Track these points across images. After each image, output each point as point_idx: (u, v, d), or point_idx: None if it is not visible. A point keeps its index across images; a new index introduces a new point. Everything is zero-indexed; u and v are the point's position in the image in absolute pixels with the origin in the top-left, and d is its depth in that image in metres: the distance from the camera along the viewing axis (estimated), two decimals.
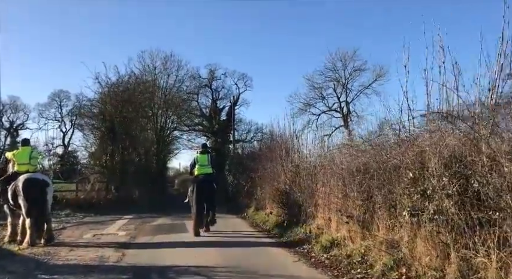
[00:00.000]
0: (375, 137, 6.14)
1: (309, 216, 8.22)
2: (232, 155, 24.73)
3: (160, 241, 8.85)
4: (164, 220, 13.20)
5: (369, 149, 6.11)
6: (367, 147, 6.27)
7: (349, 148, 6.78)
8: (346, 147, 7.05)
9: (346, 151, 6.85)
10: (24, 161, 8.68)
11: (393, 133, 5.31)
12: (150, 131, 25.09)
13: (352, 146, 6.68)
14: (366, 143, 6.39)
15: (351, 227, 6.02)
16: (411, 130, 5.03)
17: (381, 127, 6.23)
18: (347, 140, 6.94)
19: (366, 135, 7.38)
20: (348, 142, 7.04)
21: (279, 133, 12.68)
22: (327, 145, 9.45)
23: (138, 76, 23.55)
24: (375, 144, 5.94)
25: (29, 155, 8.79)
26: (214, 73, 36.59)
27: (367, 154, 6.05)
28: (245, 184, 16.54)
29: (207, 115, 36.99)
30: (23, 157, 8.72)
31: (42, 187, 8.30)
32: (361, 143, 6.61)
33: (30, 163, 8.71)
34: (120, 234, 10.00)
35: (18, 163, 8.63)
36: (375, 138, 6.27)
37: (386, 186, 5.11)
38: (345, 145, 7.22)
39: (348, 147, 6.89)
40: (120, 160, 19.22)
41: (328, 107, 35.87)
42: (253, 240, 8.70)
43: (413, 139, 4.73)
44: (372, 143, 6.08)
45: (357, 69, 34.56)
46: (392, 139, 5.37)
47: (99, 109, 19.35)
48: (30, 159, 8.76)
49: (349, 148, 6.77)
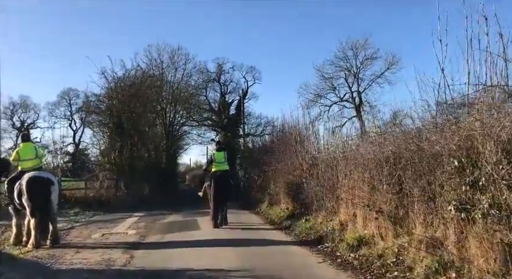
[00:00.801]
0: (403, 122, 5.47)
1: (330, 211, 7.63)
2: (243, 150, 24.23)
3: (171, 240, 8.36)
4: (175, 217, 12.76)
5: (398, 137, 5.47)
6: (395, 134, 5.64)
7: (375, 136, 6.14)
8: (371, 135, 6.40)
9: (372, 140, 6.22)
10: (30, 156, 8.28)
11: (431, 116, 4.65)
12: (159, 126, 24.63)
13: (379, 134, 6.04)
14: (394, 130, 5.75)
15: (381, 223, 5.41)
16: (453, 112, 4.39)
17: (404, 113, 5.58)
18: (372, 127, 6.30)
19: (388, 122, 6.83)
20: (373, 129, 6.38)
21: (292, 123, 12.11)
22: (346, 134, 8.84)
23: (145, 70, 23.00)
24: (405, 131, 5.30)
25: (33, 150, 8.43)
26: (222, 67, 36.12)
27: (397, 141, 5.42)
28: (257, 178, 16.06)
29: (216, 110, 36.53)
30: (27, 153, 8.31)
31: (46, 186, 7.85)
32: (387, 130, 5.95)
33: (36, 157, 8.32)
34: (130, 234, 9.55)
35: (22, 159, 8.20)
36: (402, 123, 5.61)
37: (424, 177, 4.50)
38: (370, 133, 6.56)
39: (374, 135, 6.25)
40: (129, 156, 18.74)
41: (339, 98, 35.07)
42: (270, 238, 8.14)
43: (457, 122, 4.08)
44: (402, 129, 5.43)
45: (369, 57, 33.66)
46: (429, 124, 4.71)
47: (106, 105, 18.88)
48: (37, 154, 8.38)
49: (375, 136, 6.13)
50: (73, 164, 40.47)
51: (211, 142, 35.82)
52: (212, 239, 8.25)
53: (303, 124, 11.15)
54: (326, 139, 9.15)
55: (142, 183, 18.97)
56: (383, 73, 33.28)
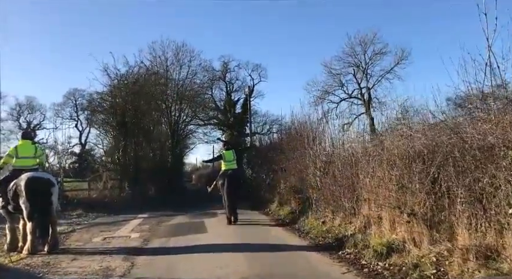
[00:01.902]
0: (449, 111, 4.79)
1: (349, 213, 6.95)
2: (251, 148, 23.64)
3: (177, 245, 7.74)
4: (181, 218, 12.16)
5: (431, 128, 4.80)
6: (426, 125, 4.96)
7: (403, 128, 5.44)
8: (399, 128, 5.71)
9: (401, 133, 5.53)
10: (27, 154, 7.74)
11: (480, 103, 3.97)
12: (164, 125, 24.10)
13: (409, 125, 5.34)
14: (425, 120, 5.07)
15: (413, 227, 4.74)
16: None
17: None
18: (401, 118, 5.60)
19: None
20: (402, 121, 5.67)
21: (302, 119, 11.45)
22: (363, 128, 8.16)
23: (149, 67, 22.41)
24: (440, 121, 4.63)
25: (33, 149, 7.89)
26: (228, 65, 35.58)
27: (430, 133, 4.75)
28: (266, 177, 15.44)
29: (222, 108, 36.05)
30: (26, 151, 7.78)
31: (47, 187, 7.28)
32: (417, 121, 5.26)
33: (34, 157, 7.77)
34: (133, 237, 8.97)
35: (20, 156, 7.65)
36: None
37: (470, 174, 3.83)
38: (398, 125, 5.86)
39: (401, 127, 5.55)
40: (134, 155, 18.21)
41: (347, 94, 34.32)
42: (284, 242, 7.49)
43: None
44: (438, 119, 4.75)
45: (378, 52, 32.86)
46: (478, 111, 4.03)
47: (109, 103, 18.35)
48: (35, 154, 7.83)
49: (403, 129, 5.44)
50: (79, 165, 40.22)
51: (218, 141, 35.39)
52: (221, 243, 7.63)
53: (314, 120, 10.53)
54: (341, 134, 8.47)
55: (147, 183, 18.47)
56: (392, 69, 32.57)
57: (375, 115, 16.17)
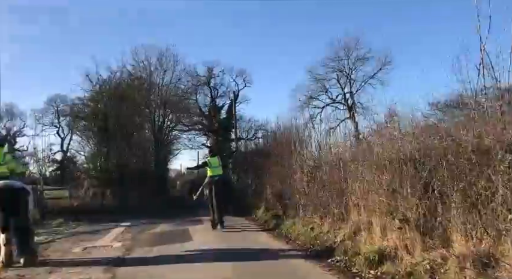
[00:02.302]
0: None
1: (338, 219, 6.79)
2: (236, 153, 23.44)
3: (160, 254, 7.45)
4: (165, 226, 11.83)
5: (423, 130, 4.68)
6: (419, 129, 4.84)
7: (393, 130, 5.30)
8: (388, 130, 5.57)
9: (390, 136, 5.40)
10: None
11: (475, 103, 3.83)
12: (148, 131, 23.74)
13: (399, 128, 5.20)
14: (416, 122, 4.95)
15: (406, 233, 4.59)
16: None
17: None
18: (389, 121, 5.47)
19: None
20: (390, 123, 5.53)
21: (288, 124, 11.33)
22: (348, 133, 8.05)
23: (132, 72, 22.02)
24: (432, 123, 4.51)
25: (1, 156, 7.47)
26: (212, 71, 35.32)
27: (422, 135, 4.63)
28: (252, 182, 15.25)
29: (207, 114, 35.78)
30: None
31: (19, 196, 6.89)
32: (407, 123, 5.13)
33: (3, 164, 7.35)
34: (115, 246, 8.62)
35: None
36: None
37: (465, 178, 3.70)
38: (385, 128, 5.73)
39: (391, 130, 5.40)
40: (116, 162, 17.80)
41: (332, 99, 34.43)
42: (271, 249, 7.27)
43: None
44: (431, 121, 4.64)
45: (361, 57, 33.09)
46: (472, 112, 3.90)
47: (91, 109, 17.92)
48: (4, 160, 7.41)
49: (393, 131, 5.30)
50: (61, 172, 39.39)
51: (203, 147, 35.10)
52: (207, 251, 7.38)
53: (300, 124, 10.42)
54: (328, 139, 8.33)
55: (130, 190, 18.05)
56: (376, 74, 32.85)
57: (359, 119, 16.13)
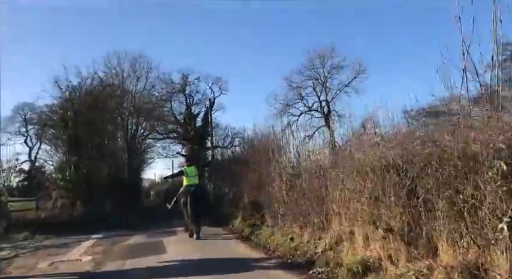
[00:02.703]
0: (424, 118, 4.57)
1: (318, 228, 6.61)
2: (212, 162, 23.09)
3: (133, 267, 7.10)
4: (139, 237, 11.38)
5: (407, 136, 4.56)
6: (401, 135, 4.73)
7: (374, 137, 5.18)
8: (369, 137, 5.45)
9: (372, 143, 5.28)
10: None
11: (461, 108, 3.73)
12: (120, 139, 23.11)
13: (381, 135, 5.08)
14: (399, 129, 4.84)
15: (390, 243, 4.44)
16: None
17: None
18: (373, 125, 5.35)
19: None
20: (372, 129, 5.39)
21: (266, 131, 11.16)
22: (327, 140, 7.92)
23: (103, 78, 21.41)
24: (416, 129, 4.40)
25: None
26: (187, 78, 34.97)
27: (405, 142, 4.51)
28: (229, 191, 14.94)
29: (182, 122, 35.31)
30: None
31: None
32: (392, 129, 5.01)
33: None
34: (84, 261, 8.18)
35: None
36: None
37: (451, 185, 3.57)
38: (367, 135, 5.60)
39: (371, 137, 5.28)
40: (87, 172, 17.12)
41: (308, 107, 34.64)
42: (250, 260, 7.00)
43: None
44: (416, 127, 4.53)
45: (336, 66, 33.51)
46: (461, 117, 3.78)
47: (60, 116, 17.23)
48: None
49: (374, 138, 5.18)
50: (28, 183, 37.95)
51: (178, 155, 34.55)
52: (182, 264, 7.07)
53: (278, 131, 10.27)
54: (307, 145, 8.19)
55: (101, 201, 17.39)
56: (350, 82, 33.30)
57: (335, 127, 16.11)
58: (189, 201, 10.31)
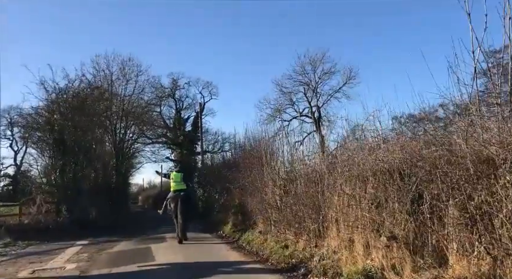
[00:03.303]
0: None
1: (314, 235, 6.33)
2: (202, 167, 22.76)
3: (120, 277, 6.76)
4: (126, 244, 10.99)
5: (413, 139, 4.33)
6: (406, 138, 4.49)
7: (375, 140, 4.93)
8: (369, 141, 5.20)
9: (373, 146, 5.03)
10: None
11: (475, 107, 3.47)
12: (108, 143, 22.63)
13: (383, 138, 4.83)
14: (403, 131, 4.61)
15: (393, 252, 4.18)
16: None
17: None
18: (373, 129, 5.11)
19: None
20: (373, 132, 5.13)
21: (259, 135, 10.90)
22: (321, 145, 7.69)
23: (92, 81, 20.93)
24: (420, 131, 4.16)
25: None
26: (177, 83, 34.72)
27: (410, 145, 4.28)
28: (219, 197, 14.62)
29: (171, 126, 34.95)
30: None
31: None
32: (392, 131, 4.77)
33: None
34: (68, 269, 7.79)
35: None
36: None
37: (463, 190, 3.33)
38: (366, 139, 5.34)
39: (373, 140, 5.03)
40: (73, 176, 16.60)
41: (298, 112, 34.53)
42: (242, 269, 6.70)
43: None
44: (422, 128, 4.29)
45: (327, 71, 33.51)
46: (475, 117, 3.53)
47: (45, 119, 16.72)
48: None
49: (375, 141, 4.94)
50: (13, 187, 37.11)
51: (167, 160, 34.18)
52: (170, 274, 6.74)
53: (271, 135, 10.01)
54: (302, 149, 7.94)
55: (88, 206, 16.89)
56: (341, 88, 33.31)
57: (326, 132, 15.90)
58: (178, 206, 10.64)
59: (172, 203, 10.92)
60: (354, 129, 6.54)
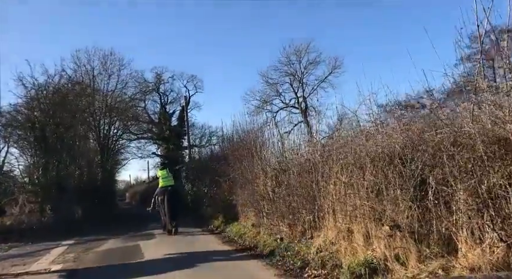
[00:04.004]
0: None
1: (310, 227, 6.09)
2: (189, 161, 22.43)
3: (108, 277, 6.46)
4: (114, 242, 10.64)
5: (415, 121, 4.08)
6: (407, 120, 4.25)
7: (373, 125, 4.67)
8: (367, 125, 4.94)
9: (370, 131, 4.78)
10: None
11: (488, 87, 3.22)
12: (92, 140, 22.11)
13: (381, 121, 4.56)
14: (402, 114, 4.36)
15: (396, 242, 3.96)
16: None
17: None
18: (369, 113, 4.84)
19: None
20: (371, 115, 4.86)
21: (248, 125, 10.61)
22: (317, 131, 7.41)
23: (72, 76, 20.30)
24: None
25: None
26: (161, 77, 34.05)
27: (412, 129, 4.03)
28: (208, 191, 14.32)
29: (156, 121, 34.37)
30: None
31: None
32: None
33: None
34: (54, 270, 7.48)
35: None
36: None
37: (474, 173, 3.10)
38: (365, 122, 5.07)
39: (371, 125, 4.77)
40: (56, 174, 16.09)
41: (285, 103, 34.34)
42: (236, 265, 6.47)
43: None
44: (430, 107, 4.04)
45: (312, 61, 33.34)
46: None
47: (25, 116, 16.12)
48: None
49: (373, 126, 4.68)
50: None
51: (153, 155, 33.73)
52: (161, 273, 6.44)
53: (260, 126, 9.73)
54: (293, 139, 7.67)
55: (73, 205, 16.44)
56: (326, 78, 33.16)
57: (315, 122, 15.69)
58: (166, 200, 10.94)
59: (160, 197, 11.20)
60: (342, 117, 6.43)
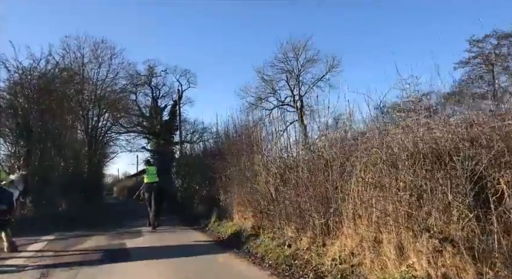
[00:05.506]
0: None
1: (321, 232, 5.31)
2: (180, 156, 21.62)
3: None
4: (98, 239, 9.74)
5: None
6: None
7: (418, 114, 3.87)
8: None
9: (406, 124, 4.00)
10: None
11: None
12: (80, 131, 21.15)
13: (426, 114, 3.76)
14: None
15: (445, 258, 3.20)
16: None
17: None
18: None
19: None
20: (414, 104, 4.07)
21: (246, 121, 9.85)
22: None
23: (60, 62, 19.24)
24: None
25: None
26: (154, 70, 33.12)
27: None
28: (201, 188, 13.51)
29: (147, 115, 33.45)
30: None
31: None
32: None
33: None
34: (28, 269, 6.58)
35: None
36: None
37: None
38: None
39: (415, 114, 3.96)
40: (39, 165, 15.11)
41: (280, 101, 33.58)
42: (233, 272, 5.68)
43: None
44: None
45: (309, 59, 32.68)
46: None
47: (7, 101, 15.11)
48: None
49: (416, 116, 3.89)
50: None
51: (143, 150, 32.88)
52: (147, 276, 5.66)
53: (263, 120, 9.01)
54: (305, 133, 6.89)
55: (57, 198, 15.50)
56: (324, 76, 32.51)
57: (310, 121, 15.00)
58: (152, 196, 11.41)
59: (147, 193, 11.62)
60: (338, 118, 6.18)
